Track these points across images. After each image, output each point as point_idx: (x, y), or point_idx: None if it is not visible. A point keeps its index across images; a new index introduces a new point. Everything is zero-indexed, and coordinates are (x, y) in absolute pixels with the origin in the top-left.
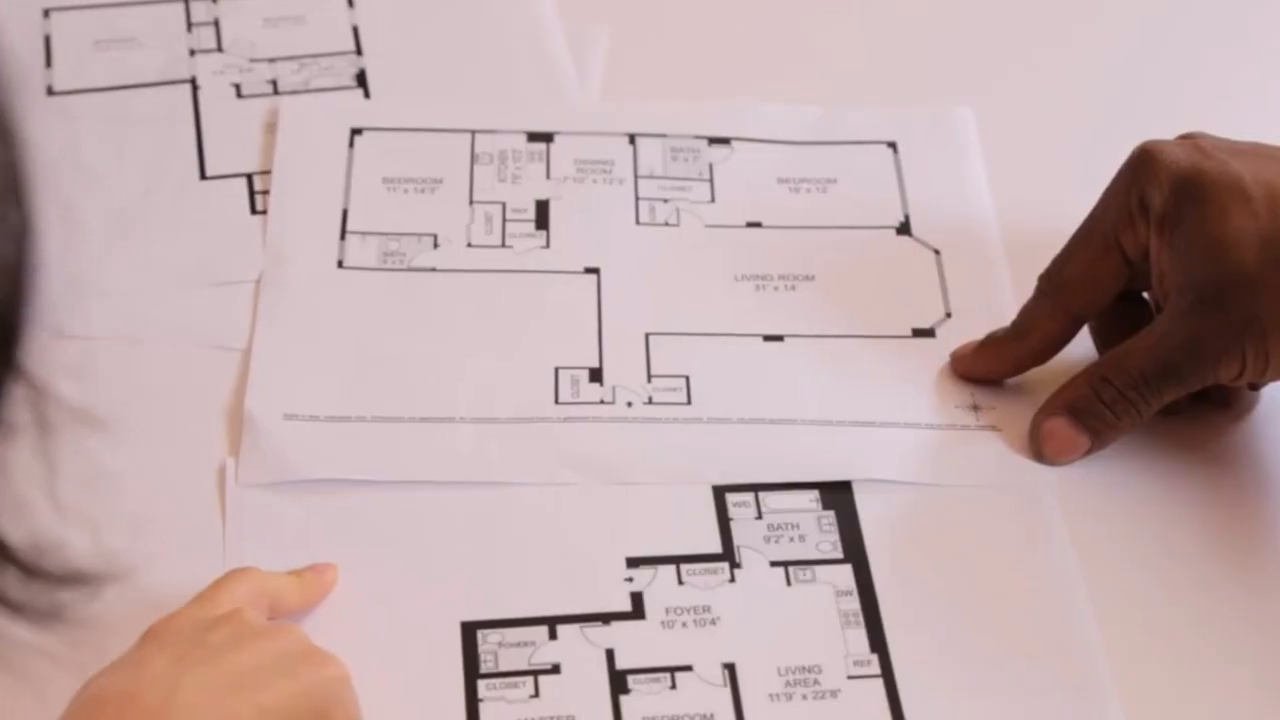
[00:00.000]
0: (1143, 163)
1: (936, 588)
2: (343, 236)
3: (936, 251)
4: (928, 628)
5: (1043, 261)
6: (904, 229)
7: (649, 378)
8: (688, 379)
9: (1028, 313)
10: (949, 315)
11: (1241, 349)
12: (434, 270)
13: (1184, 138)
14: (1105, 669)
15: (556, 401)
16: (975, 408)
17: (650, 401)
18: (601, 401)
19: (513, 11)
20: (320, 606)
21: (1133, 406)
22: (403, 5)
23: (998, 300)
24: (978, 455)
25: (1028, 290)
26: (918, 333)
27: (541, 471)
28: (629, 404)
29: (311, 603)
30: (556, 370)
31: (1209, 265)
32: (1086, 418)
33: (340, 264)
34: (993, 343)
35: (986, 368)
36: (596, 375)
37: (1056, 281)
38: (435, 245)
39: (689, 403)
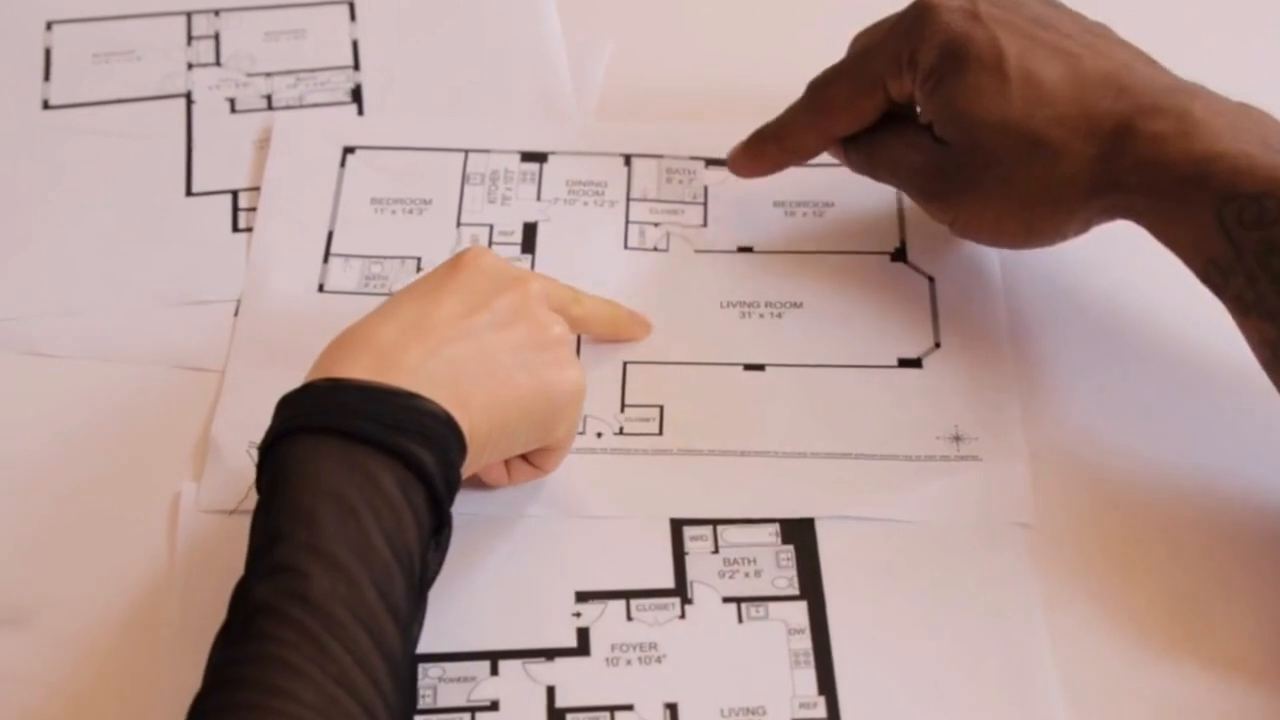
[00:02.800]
0: (919, 18)
1: (892, 629)
2: (326, 259)
3: (931, 279)
4: (880, 670)
5: (1041, 290)
6: (899, 255)
7: (623, 407)
8: (662, 409)
9: (790, 115)
10: (938, 345)
11: (957, 204)
12: None
13: None
14: None
15: None
16: (957, 438)
17: (621, 432)
18: None
19: (517, 27)
20: None
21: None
22: (406, 19)
23: (990, 330)
24: (953, 489)
25: (1022, 320)
26: (904, 363)
27: (499, 503)
28: (599, 434)
29: (613, 340)
30: None
31: (954, 130)
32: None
33: (321, 288)
34: (757, 140)
35: (751, 167)
36: None
37: (819, 101)
38: (419, 269)
39: (660, 433)
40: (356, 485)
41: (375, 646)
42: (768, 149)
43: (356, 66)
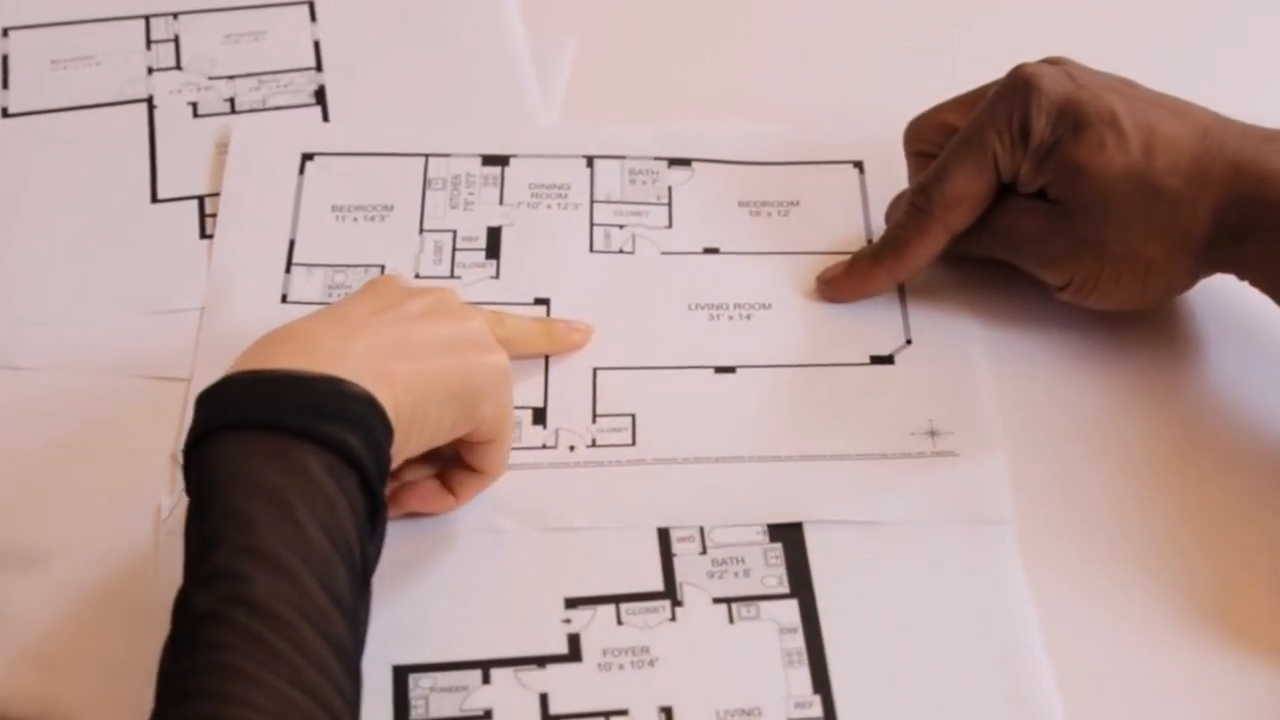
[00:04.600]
0: (1022, 88)
1: (885, 624)
2: (288, 269)
3: None
4: (873, 667)
5: (1011, 287)
6: None
7: (594, 417)
8: (634, 417)
9: (904, 229)
10: (909, 342)
11: (1075, 264)
12: None
13: (1050, 62)
14: (1059, 712)
15: None
16: (932, 433)
17: (594, 444)
18: (544, 446)
19: (479, 27)
20: None
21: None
22: (368, 19)
23: (960, 325)
24: (933, 485)
25: (993, 314)
26: (876, 360)
27: (476, 520)
28: (571, 448)
29: (553, 351)
30: None
31: (1074, 188)
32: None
33: (284, 298)
34: (867, 260)
35: (863, 288)
36: (540, 416)
37: (936, 199)
38: None
39: (633, 444)
40: (286, 477)
41: (325, 642)
42: (885, 265)
43: (319, 68)
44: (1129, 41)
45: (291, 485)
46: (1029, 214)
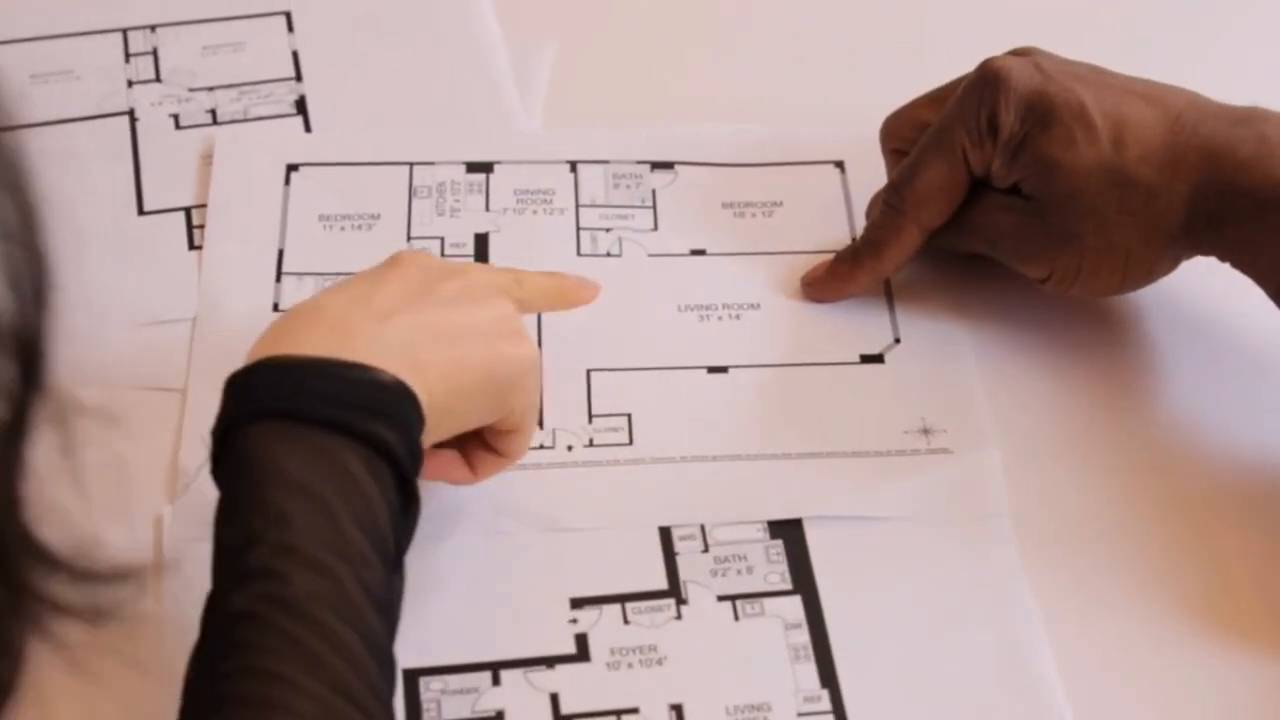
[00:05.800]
0: (990, 83)
1: (888, 618)
2: (278, 279)
3: None
4: (879, 661)
5: (996, 284)
6: None
7: (590, 418)
8: (630, 417)
9: (879, 229)
10: (898, 341)
11: (1054, 258)
12: None
13: (1019, 53)
14: (1063, 702)
15: None
16: (926, 431)
17: (591, 444)
18: (541, 446)
19: (456, 33)
20: None
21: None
22: (344, 28)
23: (948, 324)
24: (929, 482)
25: (980, 312)
26: (866, 359)
27: (478, 524)
28: (569, 448)
29: (567, 306)
30: None
31: (1047, 184)
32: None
33: (276, 308)
34: (847, 261)
35: (845, 288)
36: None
37: (908, 197)
38: None
39: (630, 443)
40: (324, 475)
41: (364, 645)
42: (864, 265)
43: (299, 78)
44: (1113, 38)
45: (329, 482)
46: (1005, 210)
